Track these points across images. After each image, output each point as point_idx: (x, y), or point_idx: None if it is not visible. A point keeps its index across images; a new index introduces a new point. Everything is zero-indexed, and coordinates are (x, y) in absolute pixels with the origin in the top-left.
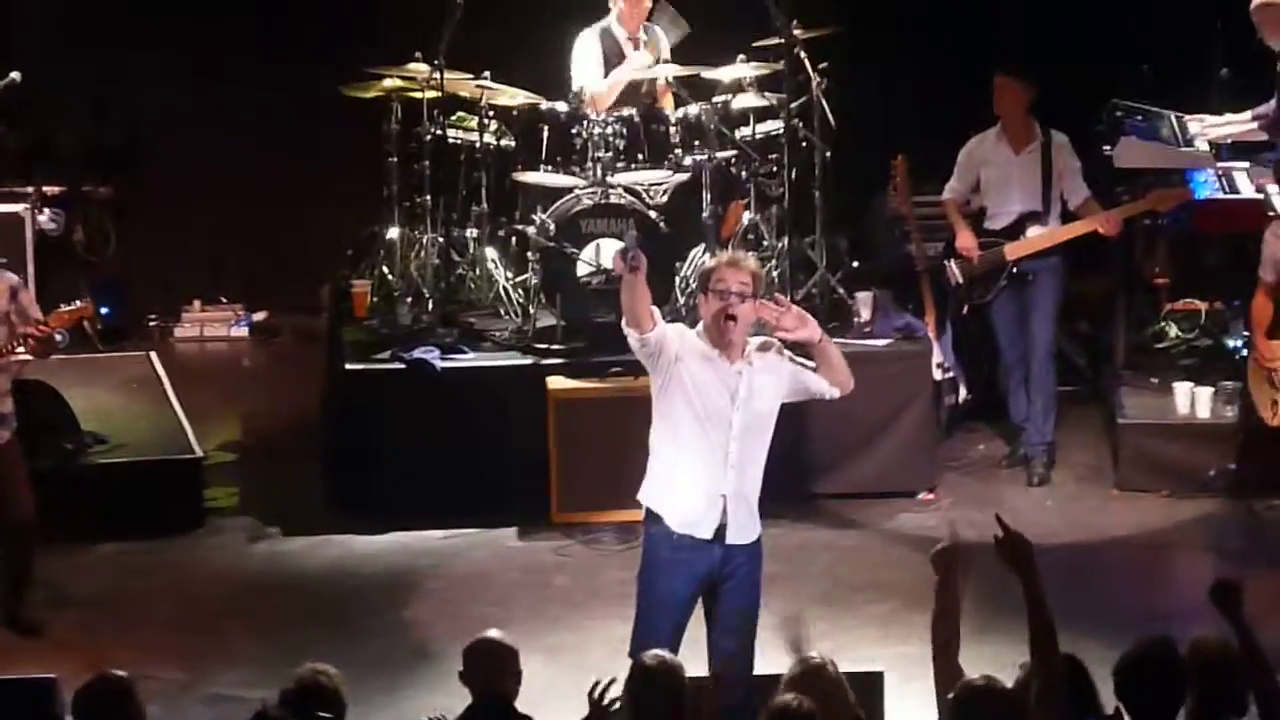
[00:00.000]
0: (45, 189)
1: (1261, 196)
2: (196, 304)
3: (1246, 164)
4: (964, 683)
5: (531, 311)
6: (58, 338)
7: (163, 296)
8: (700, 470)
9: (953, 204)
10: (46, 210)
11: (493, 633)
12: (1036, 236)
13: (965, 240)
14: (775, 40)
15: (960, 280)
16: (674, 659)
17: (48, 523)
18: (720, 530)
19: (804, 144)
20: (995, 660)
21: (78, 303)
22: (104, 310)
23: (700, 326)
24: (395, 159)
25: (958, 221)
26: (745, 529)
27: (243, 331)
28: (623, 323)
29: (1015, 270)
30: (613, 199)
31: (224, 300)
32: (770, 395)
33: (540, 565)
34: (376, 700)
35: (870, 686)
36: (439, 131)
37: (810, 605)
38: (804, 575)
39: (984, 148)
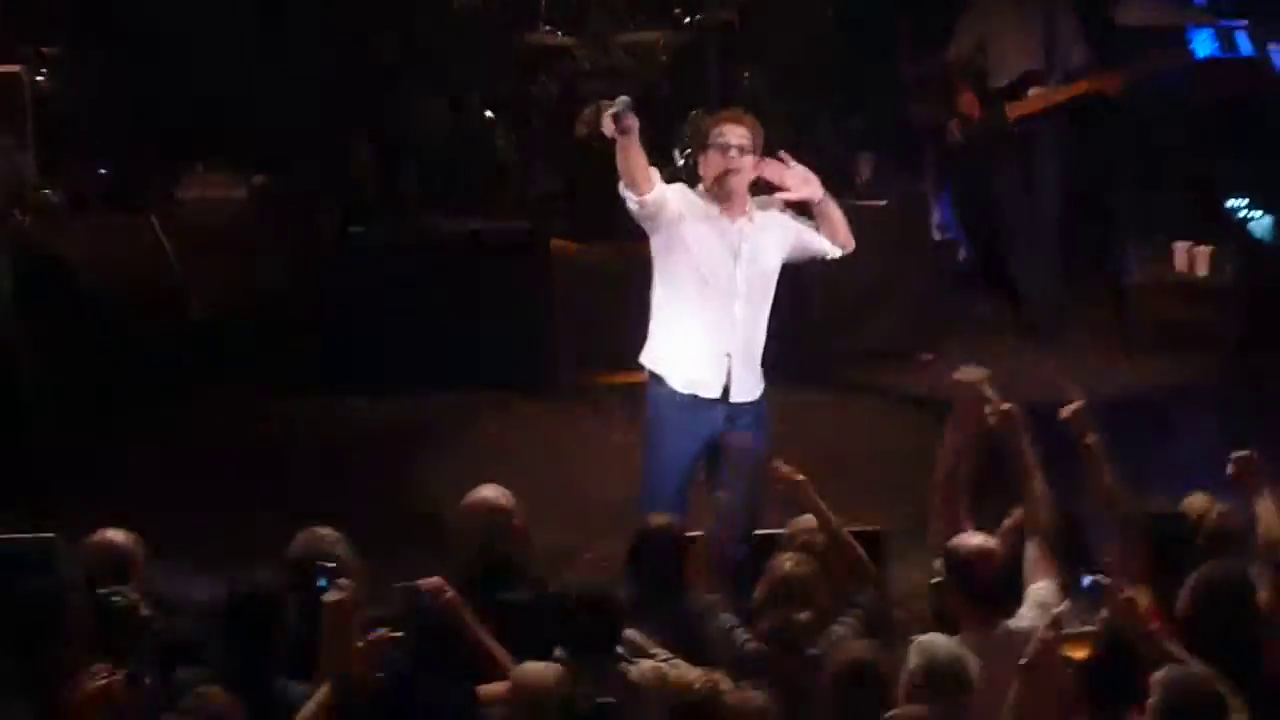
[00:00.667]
0: (42, 48)
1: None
2: (199, 166)
3: (1246, 22)
4: (958, 543)
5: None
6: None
7: (162, 157)
8: (704, 330)
9: (954, 64)
10: (45, 70)
11: (488, 490)
12: (1037, 94)
13: (967, 100)
14: None
15: (961, 140)
16: (670, 518)
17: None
18: (725, 390)
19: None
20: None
21: None
22: (101, 171)
23: (701, 186)
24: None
25: (959, 82)
26: (749, 387)
27: (241, 193)
28: (620, 185)
29: (1016, 129)
30: (613, 61)
31: (222, 162)
32: (774, 252)
33: (544, 429)
34: (379, 566)
35: (875, 546)
36: None
37: (812, 466)
38: (804, 436)
39: (986, 6)
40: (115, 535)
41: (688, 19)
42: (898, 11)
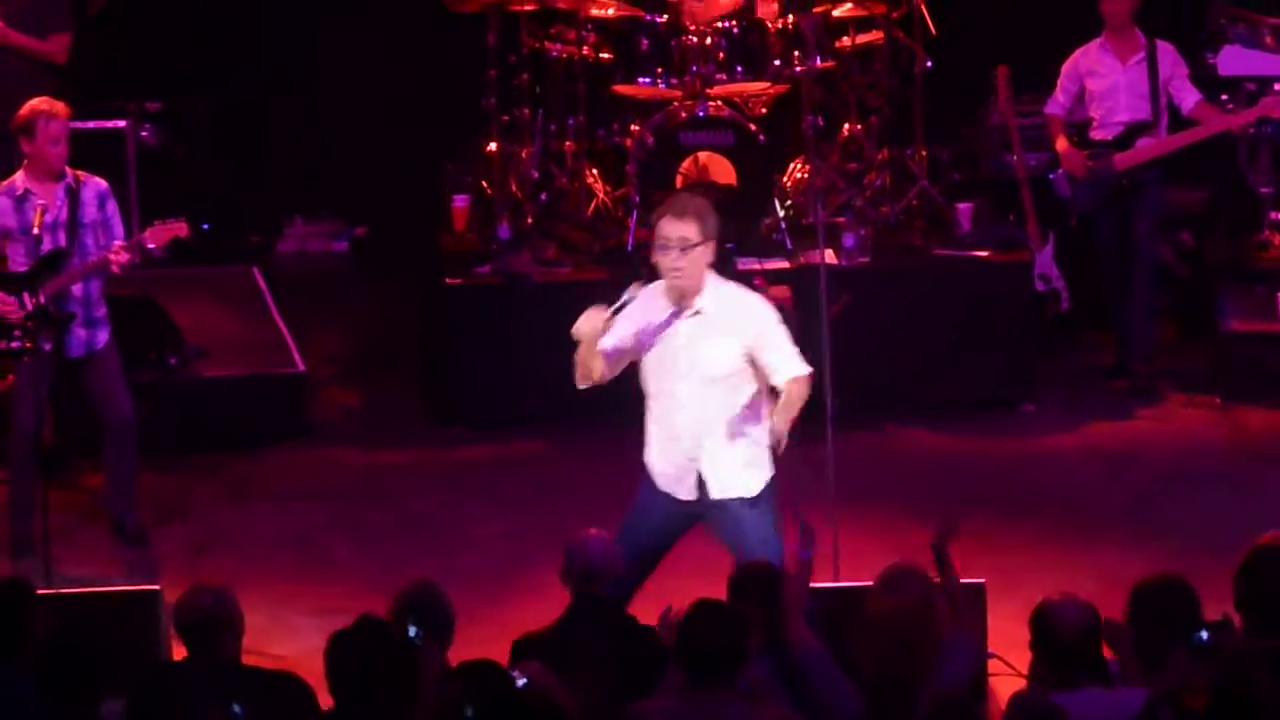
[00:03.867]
0: (147, 104)
1: None
2: (298, 219)
3: None
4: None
5: (629, 225)
6: (151, 246)
7: (264, 211)
8: (663, 437)
9: (1056, 118)
10: (148, 125)
11: (592, 532)
12: (1148, 145)
13: (1071, 154)
14: None
15: (1068, 192)
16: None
17: (150, 436)
18: (701, 489)
19: (904, 53)
20: None
21: (173, 221)
22: (205, 225)
23: None
24: (494, 72)
25: (1062, 135)
26: (729, 483)
27: (343, 246)
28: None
29: (1125, 181)
30: (711, 111)
31: (324, 215)
32: (721, 354)
33: (636, 475)
34: (478, 611)
35: (970, 597)
36: (538, 44)
37: (908, 515)
38: (903, 485)
39: (1088, 59)
40: (218, 589)
41: (786, 69)
42: (996, 60)
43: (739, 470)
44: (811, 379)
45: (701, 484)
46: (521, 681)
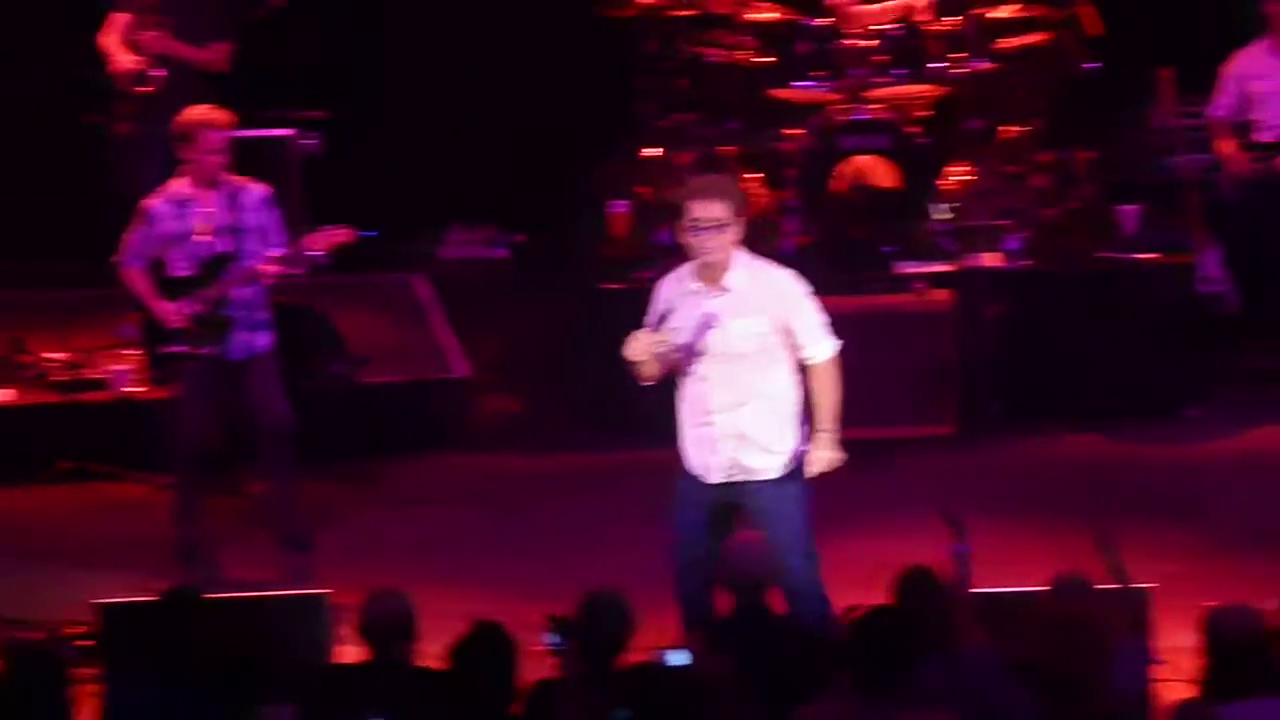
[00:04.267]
0: (310, 113)
1: None
2: (458, 226)
3: None
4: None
5: (789, 229)
6: (314, 252)
7: (423, 219)
8: (692, 417)
9: (1219, 121)
10: (312, 134)
11: (750, 537)
12: None
13: (1235, 156)
14: None
15: (1234, 195)
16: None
17: (311, 442)
18: (731, 470)
19: (1067, 55)
20: None
21: (339, 228)
22: (367, 233)
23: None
24: (652, 77)
25: (1226, 138)
26: (756, 466)
27: (503, 252)
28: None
29: None
30: (870, 114)
31: (484, 222)
32: (748, 326)
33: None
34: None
35: (1135, 603)
36: (696, 49)
37: (1071, 521)
38: (1066, 490)
39: (1251, 61)
40: (400, 594)
41: (946, 71)
42: (1160, 62)
43: (768, 451)
44: (838, 362)
45: (732, 465)
46: (680, 658)
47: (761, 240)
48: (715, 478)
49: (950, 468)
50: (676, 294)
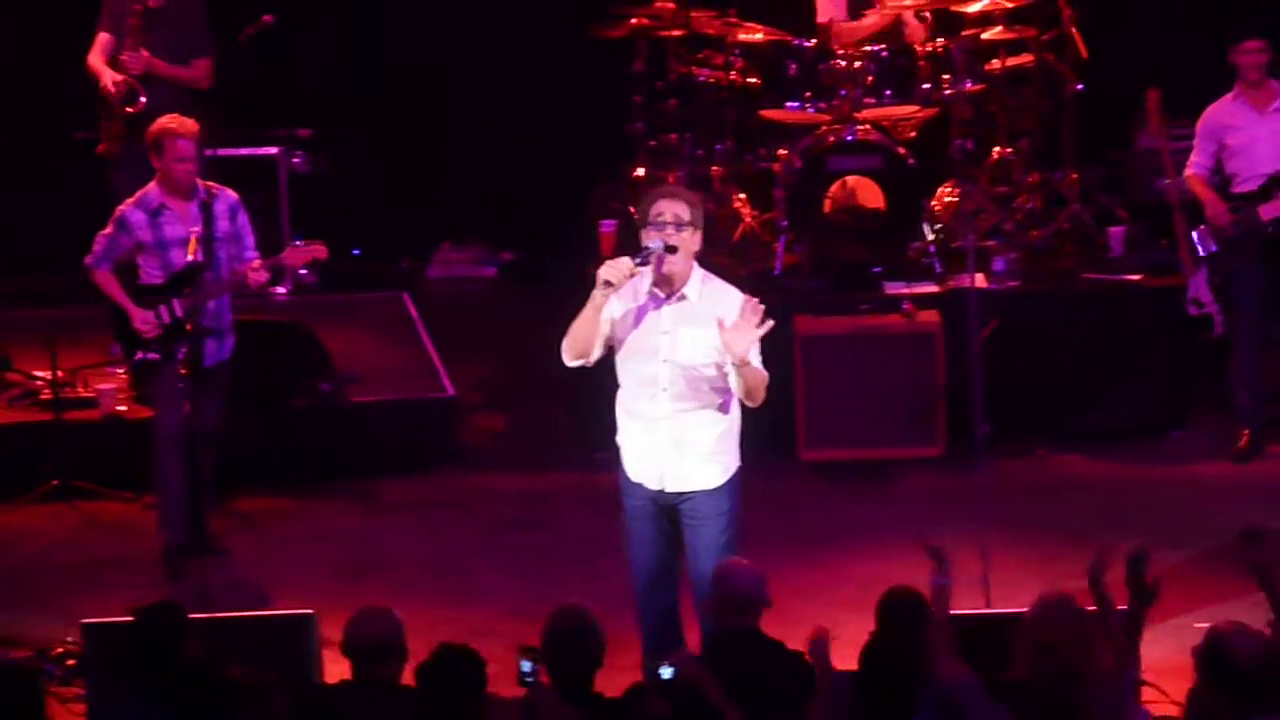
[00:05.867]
0: (298, 131)
1: None
2: (446, 245)
3: None
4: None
5: (777, 249)
6: (289, 266)
7: (413, 237)
8: (635, 422)
9: (1196, 178)
10: (299, 152)
11: (738, 561)
12: None
13: (1215, 208)
14: None
15: (1213, 248)
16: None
17: (301, 461)
18: (667, 478)
19: (1055, 76)
20: None
21: (313, 243)
22: (355, 251)
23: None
24: (642, 97)
25: (1203, 191)
26: (692, 477)
27: (491, 271)
28: (563, 350)
29: (1272, 230)
30: (860, 135)
31: (472, 240)
32: (704, 339)
33: (787, 502)
34: (627, 636)
35: (1125, 625)
36: (686, 69)
37: (1059, 543)
38: (1054, 512)
39: (1223, 114)
40: (388, 612)
41: (935, 93)
42: (1148, 83)
43: (704, 462)
44: (766, 384)
45: (667, 473)
46: (668, 672)
47: (750, 260)
48: (653, 485)
49: (938, 488)
50: (637, 288)
